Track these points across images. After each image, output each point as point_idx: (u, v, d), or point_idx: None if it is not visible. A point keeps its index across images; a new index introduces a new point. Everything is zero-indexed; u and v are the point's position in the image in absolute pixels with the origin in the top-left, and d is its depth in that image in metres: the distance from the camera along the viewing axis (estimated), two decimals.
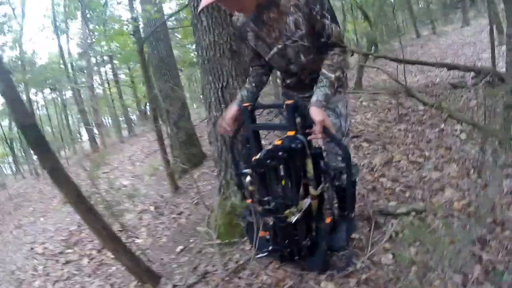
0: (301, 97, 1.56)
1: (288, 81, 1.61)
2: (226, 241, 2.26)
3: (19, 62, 14.03)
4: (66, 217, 6.26)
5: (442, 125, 3.73)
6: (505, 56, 2.38)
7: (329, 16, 1.30)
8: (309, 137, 1.32)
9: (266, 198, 1.40)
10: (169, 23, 5.23)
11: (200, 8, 1.27)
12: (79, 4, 13.98)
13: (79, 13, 14.94)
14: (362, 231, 1.98)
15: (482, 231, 1.60)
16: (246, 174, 1.42)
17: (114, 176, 7.33)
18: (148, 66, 3.91)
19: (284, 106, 1.35)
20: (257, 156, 1.38)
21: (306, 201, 1.36)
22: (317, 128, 1.27)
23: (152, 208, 4.46)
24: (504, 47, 4.13)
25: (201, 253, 2.48)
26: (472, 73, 5.52)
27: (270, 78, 2.09)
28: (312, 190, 1.36)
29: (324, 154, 1.55)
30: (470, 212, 1.89)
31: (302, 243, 1.47)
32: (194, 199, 3.95)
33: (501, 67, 4.66)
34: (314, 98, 1.32)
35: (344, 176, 1.46)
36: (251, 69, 1.62)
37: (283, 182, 1.34)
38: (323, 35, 1.32)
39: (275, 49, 1.41)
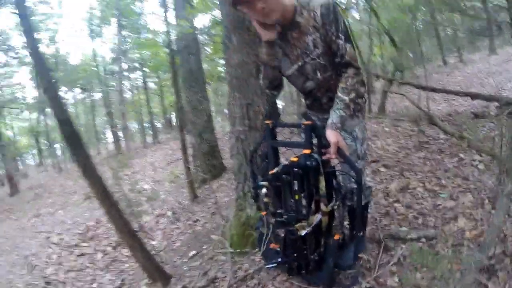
0: (321, 118, 1.66)
1: (307, 102, 1.72)
2: (238, 250, 2.35)
3: (53, 60, 14.76)
4: (85, 212, 6.54)
5: (462, 155, 3.71)
6: None
7: (343, 37, 1.39)
8: (323, 157, 1.42)
9: (279, 211, 1.50)
10: (200, 37, 5.50)
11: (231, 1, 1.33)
12: (115, 11, 14.86)
13: (114, 20, 15.81)
14: (371, 253, 2.02)
15: (490, 261, 1.62)
16: (262, 186, 1.52)
17: (135, 179, 7.59)
18: (177, 78, 4.13)
19: (302, 126, 1.46)
20: (274, 170, 1.49)
21: (317, 217, 1.44)
22: (331, 149, 1.37)
23: (169, 213, 4.61)
24: None
25: (213, 259, 2.57)
26: (496, 103, 5.48)
27: (295, 98, 2.17)
28: (323, 207, 1.44)
29: (339, 174, 1.64)
30: (481, 241, 1.91)
31: (310, 257, 1.54)
32: (211, 208, 4.06)
33: None
34: (329, 121, 1.41)
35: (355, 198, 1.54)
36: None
37: (296, 196, 1.43)
38: (337, 55, 1.42)
39: (295, 66, 1.53)
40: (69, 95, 19.33)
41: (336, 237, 1.53)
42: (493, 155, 3.08)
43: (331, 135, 1.37)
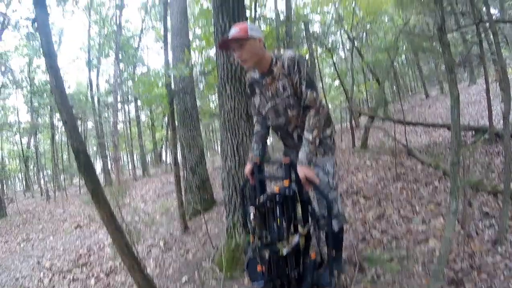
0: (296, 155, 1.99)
1: (282, 139, 2.06)
2: (229, 274, 2.56)
3: (48, 86, 15.08)
4: (76, 240, 6.54)
5: (436, 183, 4.03)
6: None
7: (304, 84, 1.73)
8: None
9: (264, 233, 1.77)
10: (195, 75, 5.91)
11: (218, 46, 1.78)
12: (114, 44, 15.51)
13: (111, 52, 16.40)
14: (348, 273, 2.27)
15: (458, 274, 1.88)
16: (250, 211, 1.81)
17: (125, 211, 7.66)
18: (174, 116, 4.44)
19: (282, 163, 1.78)
20: (260, 199, 1.78)
21: (295, 238, 1.71)
22: (302, 181, 1.69)
23: (161, 243, 4.73)
24: None
25: (205, 284, 2.76)
26: (472, 132, 5.90)
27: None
28: (300, 229, 1.73)
29: (315, 202, 1.94)
30: (450, 259, 2.17)
31: (291, 275, 1.79)
32: (202, 239, 4.23)
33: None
34: (298, 159, 1.73)
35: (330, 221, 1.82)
36: (254, 130, 2.09)
37: (278, 220, 1.72)
38: (301, 98, 1.77)
39: (269, 104, 1.90)
40: (61, 123, 19.38)
41: (313, 256, 1.79)
42: (462, 180, 3.38)
43: (300, 171, 1.70)
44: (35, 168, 20.77)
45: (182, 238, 4.69)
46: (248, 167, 1.99)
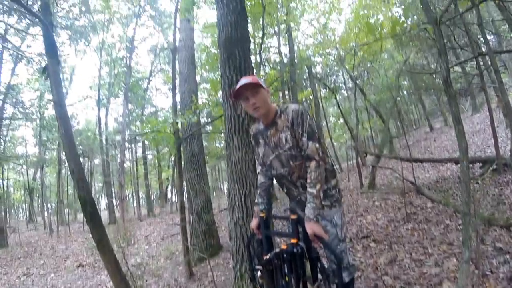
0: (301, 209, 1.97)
1: (285, 190, 2.05)
2: None
3: (57, 122, 15.34)
4: (78, 280, 6.35)
5: (448, 221, 3.93)
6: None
7: (306, 136, 1.77)
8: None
9: None
10: (202, 120, 6.05)
11: (233, 95, 1.79)
12: (123, 85, 16.10)
13: (121, 92, 16.96)
14: None
15: None
16: (257, 270, 1.77)
17: (129, 252, 7.53)
18: (181, 162, 4.49)
19: (290, 219, 1.76)
20: (267, 256, 1.75)
21: None
22: (311, 238, 1.66)
23: None
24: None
25: None
26: (479, 163, 5.79)
27: None
28: (309, 287, 1.67)
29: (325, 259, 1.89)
30: None
31: None
32: (208, 286, 4.09)
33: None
34: (306, 215, 1.71)
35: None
36: (258, 181, 2.09)
37: (286, 278, 1.67)
38: (302, 150, 1.79)
39: (273, 155, 1.92)
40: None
41: None
42: (476, 216, 3.28)
43: (308, 227, 1.68)
44: (39, 200, 20.69)
45: (187, 285, 4.54)
46: (254, 222, 1.97)
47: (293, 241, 1.71)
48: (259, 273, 1.76)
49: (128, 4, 15.30)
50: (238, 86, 1.80)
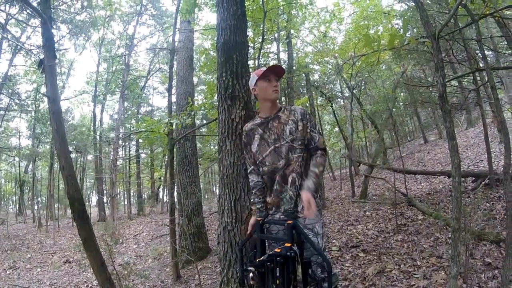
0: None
1: (271, 193, 2.02)
2: None
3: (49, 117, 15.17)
4: (64, 276, 6.27)
5: (438, 234, 3.96)
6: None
7: (316, 131, 1.98)
8: (302, 215, 1.80)
9: None
10: (197, 121, 6.03)
11: (271, 69, 1.98)
12: (120, 82, 16.02)
13: (118, 90, 16.86)
14: None
15: None
16: (250, 271, 1.76)
17: (117, 251, 7.45)
18: (173, 164, 4.45)
19: (286, 224, 1.77)
20: (261, 258, 1.74)
21: None
22: (305, 205, 1.72)
23: None
24: None
25: None
26: (472, 178, 5.85)
27: None
28: None
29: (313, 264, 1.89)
30: None
31: None
32: None
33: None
34: (304, 185, 1.81)
35: (326, 284, 1.78)
36: (251, 182, 2.08)
37: (277, 281, 1.66)
38: (311, 143, 1.96)
39: (272, 147, 1.97)
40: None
41: None
42: (466, 231, 3.29)
43: (305, 195, 1.74)
44: (30, 193, 20.41)
45: (174, 287, 4.50)
46: (252, 220, 2.03)
47: (287, 245, 1.72)
48: (251, 274, 1.75)
49: (130, 2, 15.30)
50: (271, 66, 2.00)
